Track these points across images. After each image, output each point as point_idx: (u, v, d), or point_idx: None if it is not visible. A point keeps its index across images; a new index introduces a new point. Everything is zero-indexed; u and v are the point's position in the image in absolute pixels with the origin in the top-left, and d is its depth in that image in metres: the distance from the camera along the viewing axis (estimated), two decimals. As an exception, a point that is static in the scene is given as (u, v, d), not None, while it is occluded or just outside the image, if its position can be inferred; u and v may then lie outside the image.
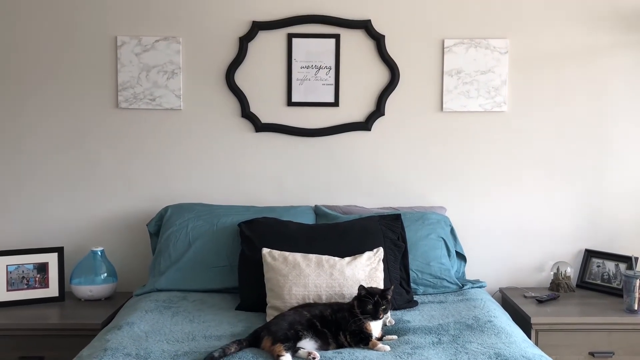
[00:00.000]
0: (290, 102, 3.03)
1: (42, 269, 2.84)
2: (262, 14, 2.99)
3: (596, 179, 3.07)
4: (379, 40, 2.99)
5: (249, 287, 2.50)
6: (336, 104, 3.03)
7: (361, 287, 2.13)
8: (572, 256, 3.08)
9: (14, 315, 2.64)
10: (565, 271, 2.97)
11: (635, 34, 2.99)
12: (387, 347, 2.01)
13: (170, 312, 2.37)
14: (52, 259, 2.86)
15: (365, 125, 3.04)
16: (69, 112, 3.00)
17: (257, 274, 2.44)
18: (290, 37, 2.99)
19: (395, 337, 2.14)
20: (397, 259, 2.59)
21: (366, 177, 3.07)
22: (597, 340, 2.60)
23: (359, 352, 1.95)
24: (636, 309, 2.61)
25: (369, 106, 3.04)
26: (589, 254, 3.04)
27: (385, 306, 2.08)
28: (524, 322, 2.60)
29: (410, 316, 2.35)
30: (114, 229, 3.03)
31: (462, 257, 2.91)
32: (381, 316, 2.07)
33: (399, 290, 2.51)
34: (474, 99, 3.02)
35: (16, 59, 2.97)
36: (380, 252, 2.48)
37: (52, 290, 2.84)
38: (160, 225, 2.87)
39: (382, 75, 3.02)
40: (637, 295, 2.61)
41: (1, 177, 3.01)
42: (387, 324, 2.25)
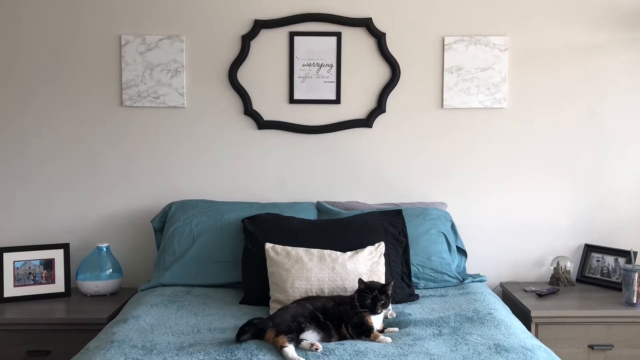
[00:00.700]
0: (292, 100, 3.06)
1: (49, 265, 2.88)
2: (264, 13, 3.02)
3: (596, 175, 3.09)
4: (379, 38, 3.03)
5: (252, 282, 2.53)
6: (337, 101, 3.06)
7: (360, 281, 2.16)
8: (572, 251, 3.11)
9: (21, 310, 2.68)
10: (565, 266, 3.00)
11: (634, 31, 3.02)
12: (388, 339, 2.04)
13: (175, 306, 2.40)
14: (58, 255, 2.89)
15: (366, 122, 3.07)
16: (74, 110, 3.04)
17: (260, 269, 2.48)
18: (292, 35, 3.02)
19: (396, 329, 2.17)
20: (398, 253, 2.62)
21: (367, 173, 3.10)
22: (596, 333, 2.62)
23: (360, 344, 1.99)
24: (635, 302, 2.64)
25: (370, 103, 3.07)
26: (589, 249, 3.06)
27: (384, 301, 2.10)
28: (524, 315, 2.63)
29: (411, 309, 2.38)
30: (118, 226, 3.06)
31: (462, 252, 2.94)
32: (379, 311, 2.08)
33: (400, 284, 2.54)
34: (474, 95, 3.05)
35: (21, 58, 3.01)
36: (381, 247, 2.51)
37: (58, 286, 2.87)
38: (164, 221, 2.90)
39: (383, 72, 3.06)
40: (635, 288, 2.63)
41: (7, 175, 3.05)
42: (388, 316, 2.29)
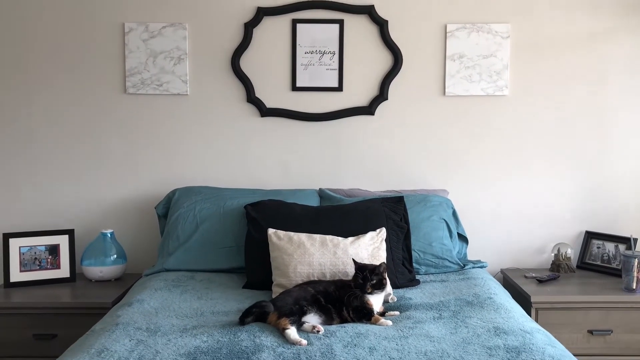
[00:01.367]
0: (294, 87, 3.07)
1: (54, 250, 2.91)
2: (266, 0, 3.03)
3: (597, 162, 3.10)
4: (382, 25, 3.03)
5: (255, 266, 2.56)
6: (340, 88, 3.07)
7: (354, 262, 2.21)
8: (572, 238, 3.13)
9: (28, 294, 2.72)
10: (565, 252, 3.02)
11: (635, 17, 3.02)
12: (389, 322, 2.07)
13: (179, 290, 2.43)
14: (63, 241, 2.93)
15: (368, 109, 3.08)
16: (79, 98, 3.06)
17: (263, 254, 2.50)
18: (294, 22, 3.03)
19: (397, 312, 2.20)
20: (399, 239, 2.64)
21: (370, 160, 3.11)
22: (596, 318, 2.64)
23: (361, 327, 2.01)
24: (634, 288, 2.66)
25: (372, 91, 3.08)
26: (589, 236, 3.08)
27: (375, 281, 2.11)
28: (524, 301, 2.65)
29: (412, 294, 2.41)
30: (123, 212, 3.09)
31: (464, 238, 2.96)
32: (369, 290, 2.09)
33: (401, 269, 2.57)
34: (476, 83, 3.05)
35: (25, 47, 3.03)
36: (383, 232, 2.54)
37: (64, 271, 2.91)
38: (168, 207, 2.93)
39: (385, 60, 3.06)
40: (635, 274, 2.65)
41: (14, 163, 3.08)
42: (389, 300, 2.31)
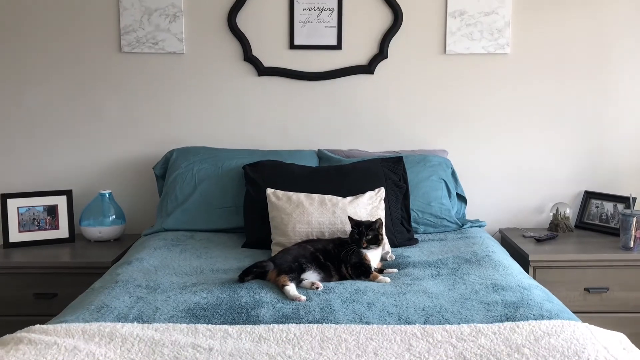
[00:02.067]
0: (292, 45, 3.02)
1: (52, 211, 2.91)
2: (263, -45, 2.96)
3: (597, 122, 3.08)
4: (382, -19, 2.97)
5: (254, 226, 2.56)
6: (339, 46, 3.02)
7: (350, 219, 2.21)
8: (571, 198, 3.13)
9: (27, 254, 2.73)
10: (564, 212, 3.02)
11: (641, -27, 2.96)
12: (387, 279, 2.08)
13: (178, 249, 2.44)
14: (61, 202, 2.92)
15: (368, 68, 3.03)
16: (73, 57, 3.01)
17: (262, 214, 2.50)
18: (292, -22, 2.97)
19: (395, 270, 2.21)
20: (398, 199, 2.64)
21: (369, 121, 3.08)
22: (593, 276, 2.66)
23: (360, 283, 2.02)
24: (632, 246, 2.67)
25: (372, 49, 3.03)
26: (588, 195, 3.08)
27: (370, 236, 2.12)
28: (522, 259, 2.66)
29: (410, 252, 2.42)
30: (121, 172, 3.08)
31: (462, 198, 2.96)
32: (364, 245, 2.11)
33: (399, 228, 2.57)
34: (477, 41, 3.00)
35: (17, 6, 2.96)
36: (381, 192, 2.53)
37: (62, 231, 2.91)
38: (166, 168, 2.91)
39: (385, 17, 3.00)
40: (633, 233, 2.66)
41: (10, 124, 3.05)
42: (387, 258, 2.32)
